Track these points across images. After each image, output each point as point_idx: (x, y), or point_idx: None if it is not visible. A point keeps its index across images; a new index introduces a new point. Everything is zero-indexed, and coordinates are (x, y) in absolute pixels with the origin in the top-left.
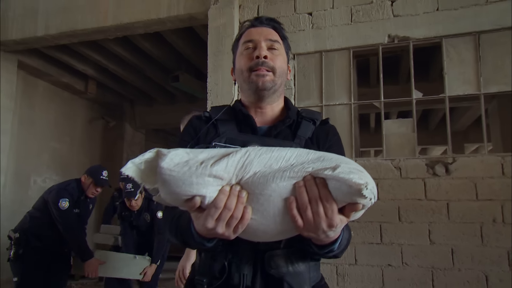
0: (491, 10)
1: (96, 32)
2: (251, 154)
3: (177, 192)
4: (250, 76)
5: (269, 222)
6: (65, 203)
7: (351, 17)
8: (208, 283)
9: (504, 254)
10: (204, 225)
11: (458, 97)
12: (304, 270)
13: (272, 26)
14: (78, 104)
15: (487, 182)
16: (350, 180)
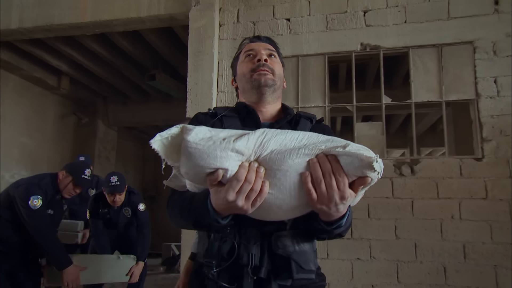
0: (452, 25)
1: (73, 27)
2: (268, 134)
3: (202, 165)
4: (252, 76)
5: (284, 196)
6: (37, 201)
7: (326, 24)
8: (217, 265)
9: (460, 248)
10: (225, 197)
11: (422, 103)
12: (309, 250)
13: (269, 43)
14: (50, 100)
15: (447, 182)
16: (361, 154)
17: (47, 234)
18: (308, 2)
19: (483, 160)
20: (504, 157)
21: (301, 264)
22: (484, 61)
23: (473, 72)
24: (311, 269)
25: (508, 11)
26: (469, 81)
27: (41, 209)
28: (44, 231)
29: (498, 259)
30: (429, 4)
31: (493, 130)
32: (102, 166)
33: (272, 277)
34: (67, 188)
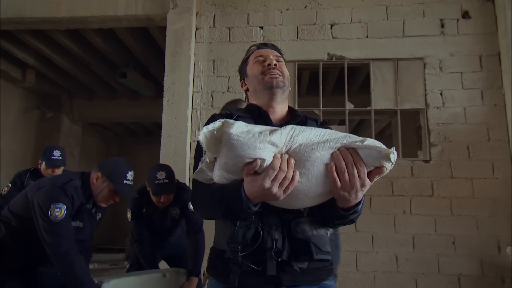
0: (406, 42)
1: (46, 22)
2: (296, 130)
3: (242, 155)
4: (264, 78)
5: (312, 184)
6: (59, 212)
7: (297, 34)
8: (242, 250)
9: (410, 239)
10: (261, 185)
11: (381, 110)
12: (324, 234)
13: (275, 49)
14: (13, 93)
15: (400, 181)
16: (380, 147)
17: (67, 256)
18: (281, 12)
19: (431, 162)
20: (447, 160)
21: (320, 246)
22: (433, 75)
23: (423, 85)
24: (327, 251)
25: (452, 34)
26: (420, 92)
27: (64, 221)
28: (65, 252)
29: (440, 248)
30: (387, 22)
31: (439, 136)
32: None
33: (292, 259)
34: (102, 195)
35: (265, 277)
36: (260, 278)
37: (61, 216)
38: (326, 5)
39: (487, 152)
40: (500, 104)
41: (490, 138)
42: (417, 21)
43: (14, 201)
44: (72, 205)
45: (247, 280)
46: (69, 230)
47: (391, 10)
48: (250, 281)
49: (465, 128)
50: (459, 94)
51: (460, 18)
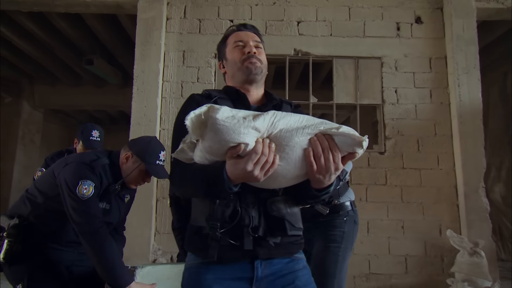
0: (367, 42)
1: (7, 2)
2: (277, 116)
3: (227, 139)
4: (244, 64)
5: (290, 167)
6: (88, 189)
7: (265, 29)
8: (221, 226)
9: (365, 224)
10: (244, 168)
11: (342, 104)
12: (297, 212)
13: (253, 31)
14: None
15: (358, 171)
16: (354, 135)
17: (96, 235)
18: (250, 7)
19: (385, 154)
20: (399, 152)
21: (293, 223)
22: (389, 74)
23: (381, 82)
24: (300, 227)
25: (406, 36)
26: (377, 89)
27: (91, 200)
28: (95, 232)
29: (391, 232)
30: (349, 22)
31: (393, 130)
32: (26, 148)
33: (268, 235)
34: (133, 176)
35: (242, 251)
36: (238, 252)
37: (89, 194)
38: (294, 3)
39: (433, 145)
40: (445, 103)
41: (436, 133)
42: (376, 23)
43: (41, 177)
44: (100, 184)
45: (225, 254)
46: (97, 209)
47: (353, 11)
48: (228, 255)
49: (416, 123)
50: (411, 92)
51: (413, 23)
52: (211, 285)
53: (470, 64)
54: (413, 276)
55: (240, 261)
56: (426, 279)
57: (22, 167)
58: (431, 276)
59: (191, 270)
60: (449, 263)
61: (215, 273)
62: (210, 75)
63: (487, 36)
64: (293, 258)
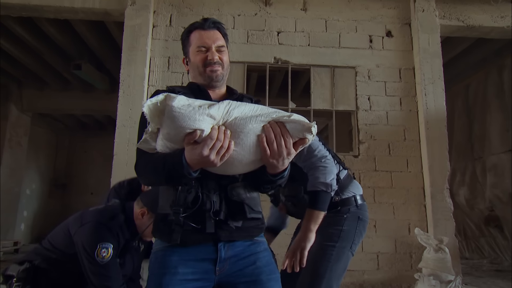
0: (342, 52)
1: None
2: (232, 104)
3: (183, 126)
4: (205, 71)
5: (245, 152)
6: (106, 252)
7: (247, 38)
8: (183, 211)
9: None
10: (200, 153)
11: (319, 110)
12: (256, 196)
13: (216, 28)
14: None
15: None
16: (303, 121)
17: None
18: (233, 17)
19: (359, 157)
20: (372, 155)
21: (252, 206)
22: (362, 83)
23: (355, 90)
24: (259, 210)
25: (378, 48)
26: (351, 96)
27: (111, 263)
28: None
29: None
30: (326, 34)
31: (366, 135)
32: (13, 151)
33: (229, 219)
34: (149, 231)
35: (205, 234)
36: (200, 235)
37: (108, 257)
38: (274, 14)
39: (403, 149)
40: (414, 110)
41: (406, 138)
42: (350, 35)
43: (55, 233)
44: (118, 244)
45: (188, 237)
46: (117, 270)
47: (329, 24)
48: (191, 238)
49: (387, 128)
50: (383, 99)
51: (384, 36)
52: (176, 266)
53: (436, 75)
54: (384, 272)
55: (203, 243)
56: (396, 274)
57: (9, 169)
58: (401, 271)
59: (157, 254)
60: (417, 259)
61: (180, 255)
62: None
63: (450, 51)
64: (254, 241)
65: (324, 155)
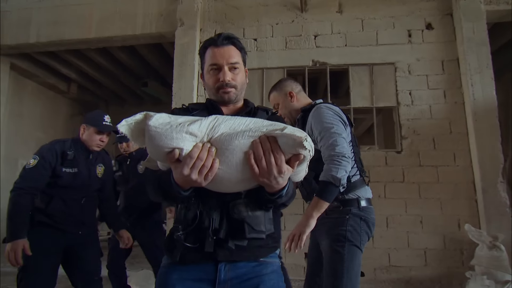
0: (379, 50)
1: (80, 42)
2: (219, 119)
3: (161, 145)
4: (218, 92)
5: (232, 171)
6: (32, 162)
7: (285, 44)
8: (183, 228)
9: (384, 219)
10: (181, 172)
11: (359, 108)
12: (260, 215)
13: (231, 43)
14: (61, 102)
15: (376, 169)
16: (294, 135)
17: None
18: (271, 26)
19: (402, 153)
20: (416, 150)
21: (253, 225)
22: (403, 78)
23: (395, 86)
24: (261, 230)
25: (418, 42)
26: (392, 92)
27: (30, 170)
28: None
29: (410, 226)
30: (363, 33)
31: (408, 130)
32: None
33: (229, 238)
34: (90, 139)
35: (203, 253)
36: (199, 254)
37: (32, 165)
38: (310, 19)
39: (449, 143)
40: (459, 102)
41: (452, 131)
42: (388, 32)
43: None
44: (56, 157)
45: (187, 256)
46: (33, 176)
47: (366, 23)
48: (191, 257)
49: (431, 123)
50: (425, 93)
51: (424, 29)
52: (174, 285)
53: (483, 64)
54: (432, 269)
55: (201, 263)
56: (446, 271)
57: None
58: (451, 268)
59: (162, 270)
60: (468, 256)
61: (180, 273)
62: None
63: (500, 38)
64: (260, 262)
65: (344, 154)
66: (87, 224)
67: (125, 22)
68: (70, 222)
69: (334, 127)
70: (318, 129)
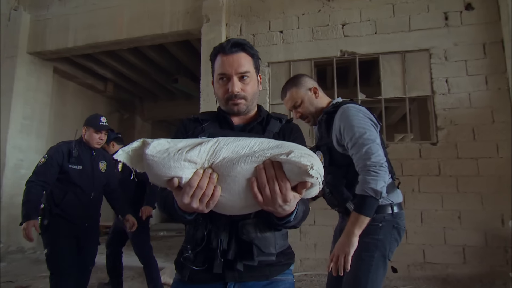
0: (412, 36)
1: (113, 44)
2: (220, 143)
3: (159, 174)
4: (228, 104)
5: (235, 198)
6: (42, 159)
7: (312, 35)
8: (192, 248)
9: (418, 214)
10: (181, 201)
11: (390, 99)
12: (270, 236)
13: (241, 49)
14: (99, 101)
15: (409, 162)
16: (299, 163)
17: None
18: (297, 17)
19: (437, 145)
20: (453, 142)
21: (262, 248)
22: (438, 65)
23: (429, 73)
24: (270, 252)
25: (456, 25)
26: (426, 81)
27: (40, 167)
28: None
29: (447, 222)
30: (394, 19)
31: (445, 121)
32: None
33: (238, 259)
34: (91, 139)
35: (212, 274)
36: (208, 274)
37: (41, 163)
38: (338, 8)
39: (491, 133)
40: (504, 88)
41: (494, 120)
42: (422, 16)
43: None
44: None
45: (196, 275)
46: (43, 171)
47: (397, 8)
48: (200, 277)
49: (470, 112)
50: (463, 80)
51: (463, 10)
52: None
53: None
54: (472, 267)
55: (211, 282)
56: (488, 270)
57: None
58: (493, 267)
59: (173, 285)
60: None
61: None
62: (264, 82)
63: None
64: (272, 280)
65: (381, 163)
66: (94, 217)
67: (153, 21)
68: (79, 214)
69: (367, 132)
70: (349, 135)
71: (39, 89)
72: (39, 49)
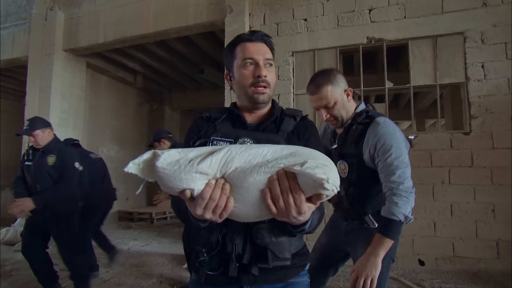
0: (445, 18)
1: (140, 38)
2: (232, 152)
3: (171, 186)
4: (252, 91)
5: (248, 209)
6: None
7: (337, 22)
8: (207, 252)
9: (448, 207)
10: (194, 212)
11: (419, 86)
12: (284, 240)
13: (264, 41)
14: (130, 92)
15: (439, 153)
16: (314, 175)
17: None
18: (322, 4)
19: (471, 134)
20: (488, 131)
21: (276, 253)
22: (473, 49)
23: (463, 59)
24: (285, 257)
25: (495, 4)
26: (459, 66)
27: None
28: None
29: (479, 215)
30: (425, 1)
31: (479, 109)
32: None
33: (253, 263)
34: (30, 141)
35: (228, 277)
36: (224, 278)
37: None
38: None
39: None
40: None
41: None
42: None
43: None
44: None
45: (212, 278)
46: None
47: None
48: (215, 279)
49: (508, 99)
50: (502, 65)
51: None
52: None
53: None
54: (506, 262)
55: (226, 285)
56: None
57: None
58: None
59: (190, 285)
60: None
61: None
62: (288, 72)
63: None
64: (288, 283)
65: (412, 189)
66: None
67: (178, 14)
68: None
69: (403, 155)
70: (385, 154)
71: (74, 84)
72: (73, 46)
